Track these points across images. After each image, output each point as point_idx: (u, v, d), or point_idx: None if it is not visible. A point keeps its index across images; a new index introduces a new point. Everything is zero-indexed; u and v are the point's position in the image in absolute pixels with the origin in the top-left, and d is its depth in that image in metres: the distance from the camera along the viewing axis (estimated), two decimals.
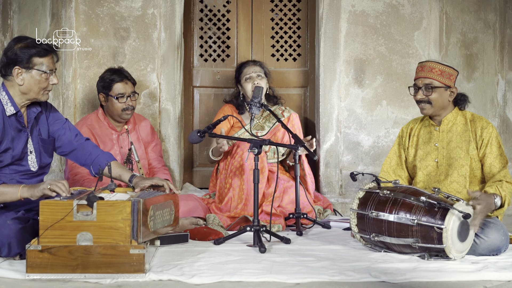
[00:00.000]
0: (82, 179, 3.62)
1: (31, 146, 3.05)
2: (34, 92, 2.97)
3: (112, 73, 3.86)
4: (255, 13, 4.87)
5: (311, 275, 2.65)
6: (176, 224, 3.08)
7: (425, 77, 3.23)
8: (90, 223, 2.59)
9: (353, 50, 4.53)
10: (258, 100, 3.59)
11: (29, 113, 3.06)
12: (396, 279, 2.61)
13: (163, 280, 2.59)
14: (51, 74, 2.97)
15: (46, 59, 2.95)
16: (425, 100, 3.23)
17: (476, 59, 4.67)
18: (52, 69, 2.98)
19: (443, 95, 3.24)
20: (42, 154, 3.09)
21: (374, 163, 4.51)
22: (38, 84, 2.95)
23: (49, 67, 2.96)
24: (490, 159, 3.19)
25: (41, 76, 2.95)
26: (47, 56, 2.95)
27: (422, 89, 3.24)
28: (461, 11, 4.61)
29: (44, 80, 2.96)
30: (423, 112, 3.28)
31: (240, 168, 3.87)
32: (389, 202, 3.02)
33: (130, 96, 3.84)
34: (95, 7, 4.38)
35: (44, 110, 3.12)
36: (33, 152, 3.05)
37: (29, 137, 3.04)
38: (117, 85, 3.81)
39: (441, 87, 3.23)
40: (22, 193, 2.82)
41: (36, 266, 2.56)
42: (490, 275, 2.69)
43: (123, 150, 3.86)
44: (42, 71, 2.94)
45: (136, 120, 4.01)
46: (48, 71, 2.95)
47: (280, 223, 3.75)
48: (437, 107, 3.25)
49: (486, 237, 3.04)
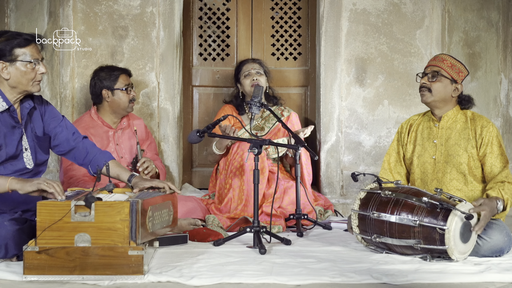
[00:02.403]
0: (77, 181, 3.60)
1: (26, 143, 3.00)
2: (23, 85, 2.92)
3: (110, 69, 3.91)
4: (255, 12, 4.85)
5: (311, 277, 2.63)
6: (175, 225, 3.07)
7: (435, 65, 3.26)
8: (88, 224, 2.57)
9: (354, 49, 4.51)
10: (258, 99, 3.57)
11: (22, 109, 3.01)
12: (398, 281, 2.59)
13: (162, 282, 2.58)
14: (37, 64, 2.92)
15: (28, 48, 2.90)
16: (427, 86, 3.24)
17: (478, 58, 4.64)
18: (38, 58, 2.92)
19: (447, 88, 3.24)
20: (38, 151, 3.04)
21: (375, 163, 4.49)
22: (25, 75, 2.90)
23: (33, 56, 2.91)
24: (491, 159, 3.18)
25: (27, 66, 2.89)
26: (28, 46, 2.90)
27: (429, 76, 3.25)
28: (463, 10, 4.59)
29: (31, 71, 2.91)
30: (423, 99, 3.29)
31: (240, 168, 3.85)
32: (391, 203, 3.00)
33: (132, 87, 3.91)
34: (93, 6, 4.36)
35: (38, 106, 3.08)
36: (28, 149, 3.00)
37: (24, 134, 3.00)
38: (122, 77, 3.88)
39: (448, 78, 3.23)
40: (11, 184, 2.74)
41: (33, 268, 2.54)
42: (493, 277, 2.67)
43: (119, 147, 3.86)
44: (26, 61, 2.89)
45: (130, 118, 4.01)
46: (32, 61, 2.90)
47: (281, 224, 3.73)
48: (437, 97, 3.25)
49: (489, 238, 3.03)
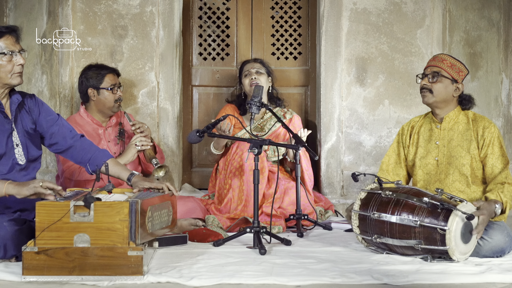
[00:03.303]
0: (79, 169, 3.61)
1: (16, 139, 2.96)
2: (1, 78, 2.88)
3: (98, 67, 3.89)
4: (255, 11, 4.84)
5: (312, 277, 2.63)
6: (174, 225, 3.06)
7: (435, 66, 3.24)
8: (87, 225, 2.56)
9: (355, 49, 4.50)
10: (258, 99, 3.55)
11: (11, 104, 2.97)
12: (398, 282, 2.59)
13: (161, 283, 2.57)
14: (14, 55, 2.87)
15: (2, 40, 2.85)
16: (428, 87, 3.23)
17: (479, 58, 4.63)
18: (13, 50, 2.87)
19: (448, 88, 3.23)
20: (30, 146, 3.00)
21: (376, 163, 4.48)
22: (1, 67, 2.86)
23: (9, 48, 2.86)
24: (492, 160, 3.17)
25: (2, 59, 2.85)
26: (2, 38, 2.85)
27: (429, 76, 3.24)
28: (464, 9, 4.58)
29: (7, 63, 2.86)
30: (424, 100, 3.28)
31: (240, 168, 3.84)
32: (392, 203, 2.99)
33: (119, 87, 3.88)
34: (92, 5, 4.35)
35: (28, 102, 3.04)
36: (19, 144, 2.96)
37: (14, 130, 2.96)
38: (108, 77, 3.85)
39: (448, 78, 3.22)
40: (8, 189, 2.73)
41: (32, 268, 2.54)
42: (494, 277, 2.67)
43: (111, 144, 3.87)
44: (1, 54, 2.84)
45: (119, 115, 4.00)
46: (7, 52, 2.86)
47: (281, 225, 3.72)
48: (438, 97, 3.24)
49: (490, 239, 3.02)
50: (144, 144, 3.72)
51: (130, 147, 3.72)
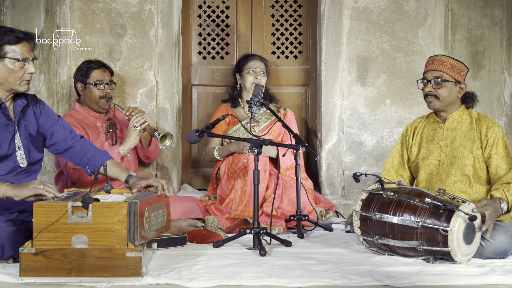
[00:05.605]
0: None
1: (19, 142, 2.96)
2: (10, 83, 2.88)
3: (89, 62, 3.93)
4: (255, 9, 4.81)
5: (312, 279, 2.61)
6: (169, 226, 3.07)
7: (436, 70, 3.20)
8: (85, 225, 2.55)
9: (356, 48, 4.48)
10: (258, 99, 3.57)
11: (15, 106, 2.97)
12: (400, 283, 2.57)
13: (160, 284, 2.56)
14: (26, 63, 2.87)
15: (19, 46, 2.85)
16: (433, 93, 3.20)
17: (482, 57, 4.61)
18: (27, 58, 2.87)
19: (452, 91, 3.21)
20: (31, 150, 3.01)
21: (377, 163, 4.46)
22: (12, 73, 2.86)
23: (23, 55, 2.86)
24: (496, 160, 3.15)
25: (15, 64, 2.85)
26: (19, 43, 2.85)
27: (432, 82, 3.21)
28: (467, 7, 4.56)
29: (19, 69, 2.86)
30: (430, 106, 3.25)
31: (244, 169, 3.85)
32: (393, 204, 2.98)
33: (108, 84, 3.88)
34: (90, 4, 4.34)
35: (32, 104, 3.05)
36: (21, 147, 2.96)
37: (17, 132, 2.96)
38: (95, 72, 3.86)
39: (451, 81, 3.20)
40: (6, 192, 2.73)
41: (30, 270, 2.52)
42: (496, 279, 2.66)
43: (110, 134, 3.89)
44: (15, 59, 2.84)
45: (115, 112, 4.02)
46: (21, 59, 2.85)
47: (281, 226, 3.71)
48: (445, 102, 3.22)
49: (493, 240, 3.00)
50: (142, 122, 3.74)
51: (130, 131, 3.74)
